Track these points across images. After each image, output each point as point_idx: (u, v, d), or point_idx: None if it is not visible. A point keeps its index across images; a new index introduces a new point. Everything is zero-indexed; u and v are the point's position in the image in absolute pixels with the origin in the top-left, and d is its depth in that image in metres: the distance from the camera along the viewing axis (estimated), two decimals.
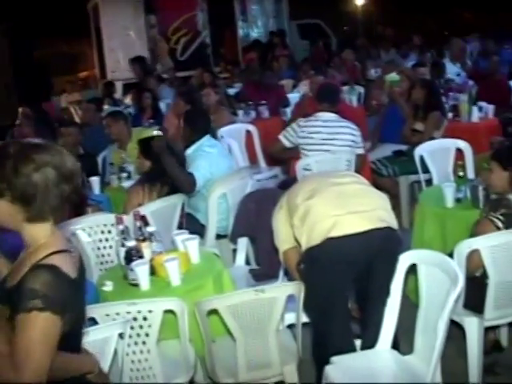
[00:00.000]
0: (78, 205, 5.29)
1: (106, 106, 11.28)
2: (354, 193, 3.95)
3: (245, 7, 20.58)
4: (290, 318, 4.09)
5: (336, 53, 15.25)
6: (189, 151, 6.12)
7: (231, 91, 11.85)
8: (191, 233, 4.73)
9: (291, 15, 21.73)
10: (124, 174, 6.85)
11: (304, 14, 23.24)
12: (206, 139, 6.20)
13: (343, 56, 14.12)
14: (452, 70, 11.52)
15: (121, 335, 3.35)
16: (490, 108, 8.41)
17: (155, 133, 5.94)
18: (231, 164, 6.40)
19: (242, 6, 20.53)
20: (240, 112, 10.02)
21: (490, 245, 4.01)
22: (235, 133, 8.54)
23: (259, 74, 11.51)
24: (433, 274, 3.60)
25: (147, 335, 3.64)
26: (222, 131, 8.19)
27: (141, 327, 3.62)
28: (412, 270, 3.82)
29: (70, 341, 2.56)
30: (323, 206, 3.84)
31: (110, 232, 5.09)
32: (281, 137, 6.73)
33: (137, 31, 18.87)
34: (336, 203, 3.84)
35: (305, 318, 4.00)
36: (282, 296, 3.66)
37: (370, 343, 3.86)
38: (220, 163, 6.05)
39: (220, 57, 19.52)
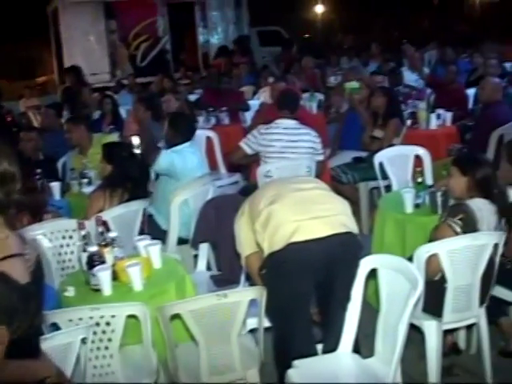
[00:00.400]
0: (36, 210, 5.32)
1: (65, 112, 11.20)
2: (315, 198, 4.00)
3: (205, 13, 20.61)
4: (252, 322, 4.11)
5: (296, 60, 15.30)
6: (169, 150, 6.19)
7: (191, 97, 11.86)
8: (153, 238, 4.74)
9: (251, 22, 21.81)
10: (85, 180, 6.82)
11: (264, 20, 23.35)
12: (188, 145, 6.22)
13: (303, 63, 14.20)
14: (410, 77, 11.68)
15: (83, 340, 3.35)
16: (447, 115, 8.54)
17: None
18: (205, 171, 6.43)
19: (203, 13, 20.55)
20: (200, 118, 10.03)
21: (448, 249, 4.08)
22: (196, 139, 8.50)
23: (218, 80, 11.55)
24: (393, 279, 3.66)
25: (110, 340, 3.65)
26: None
27: (103, 332, 3.63)
28: (371, 274, 3.88)
29: (24, 347, 2.53)
30: (285, 211, 3.88)
31: (71, 237, 5.07)
32: (242, 144, 6.75)
33: (97, 36, 18.78)
34: (298, 209, 3.89)
35: (267, 323, 4.03)
36: (244, 300, 3.68)
37: (331, 347, 3.91)
38: (194, 166, 6.10)
39: (180, 63, 19.50)
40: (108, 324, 3.62)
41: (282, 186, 4.16)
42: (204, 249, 5.56)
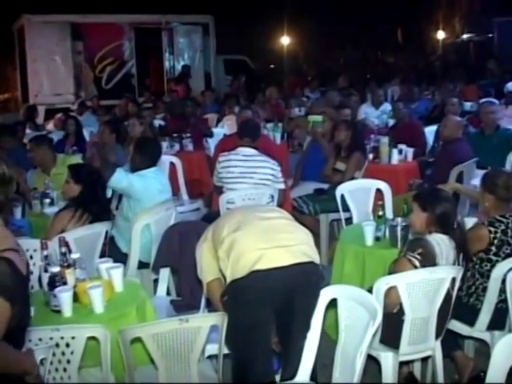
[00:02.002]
0: None
1: (28, 131, 11.16)
2: (279, 227, 4.05)
3: (172, 39, 20.70)
4: (212, 348, 4.13)
5: (261, 90, 15.44)
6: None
7: (155, 122, 11.89)
8: (113, 261, 4.74)
9: (218, 50, 21.95)
10: (47, 200, 6.79)
11: (231, 49, 23.51)
12: (153, 170, 6.21)
13: (267, 93, 14.33)
14: (373, 113, 11.85)
15: (42, 361, 3.34)
16: (409, 151, 8.69)
17: None
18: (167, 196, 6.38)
19: (170, 38, 20.64)
20: (164, 144, 10.05)
21: (407, 282, 4.15)
22: (159, 164, 8.55)
23: (182, 106, 11.61)
24: (352, 309, 3.72)
25: (69, 362, 3.63)
26: None
27: (63, 354, 3.61)
28: (330, 305, 3.93)
29: (16, 336, 2.67)
30: (249, 239, 3.92)
31: (31, 257, 5.04)
32: (213, 180, 6.88)
33: (62, 56, 18.75)
34: (262, 237, 3.93)
35: (226, 350, 4.05)
36: (205, 326, 3.69)
37: (289, 375, 3.93)
38: (156, 192, 6.11)
39: (145, 87, 19.54)
40: (68, 345, 3.60)
41: (245, 213, 4.20)
42: (165, 273, 5.56)
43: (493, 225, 4.69)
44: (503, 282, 4.35)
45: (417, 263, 4.22)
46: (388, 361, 4.30)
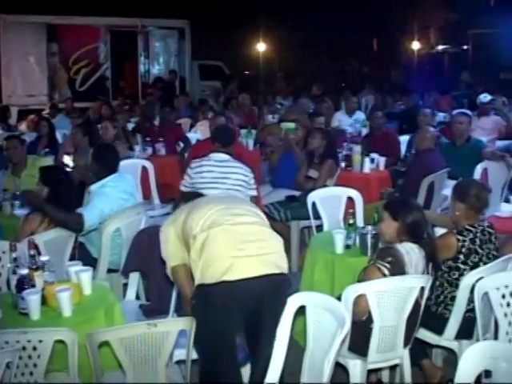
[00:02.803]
0: None
1: (0, 131, 11.09)
2: (253, 234, 4.05)
3: (148, 43, 20.68)
4: (179, 354, 4.12)
5: (234, 96, 15.45)
6: (93, 187, 6.02)
7: (129, 126, 11.84)
8: (83, 265, 4.72)
9: (193, 55, 21.94)
10: (17, 202, 6.73)
11: (206, 54, 23.51)
12: (112, 177, 6.11)
13: (240, 100, 14.35)
14: (346, 121, 11.90)
15: (8, 365, 3.31)
16: (381, 160, 8.74)
17: None
18: (135, 202, 6.33)
19: (145, 42, 20.62)
20: (137, 147, 10.03)
21: (376, 290, 4.17)
22: (131, 168, 8.51)
23: (158, 111, 11.58)
24: (321, 317, 3.73)
25: (35, 366, 3.61)
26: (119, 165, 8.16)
27: (29, 357, 3.59)
28: (299, 312, 3.94)
29: None
30: (221, 244, 3.91)
31: (0, 259, 5.01)
32: (181, 187, 6.80)
33: (37, 58, 18.67)
34: (234, 243, 3.93)
35: (194, 355, 4.05)
36: (173, 330, 3.69)
37: (257, 382, 3.94)
38: (123, 202, 6.04)
39: (119, 90, 19.47)
40: (35, 349, 3.58)
41: (220, 212, 4.12)
42: (134, 278, 5.54)
43: (461, 233, 4.74)
44: (471, 291, 4.38)
45: (386, 272, 4.25)
46: (356, 368, 4.32)
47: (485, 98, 11.46)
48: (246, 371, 4.18)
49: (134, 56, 20.63)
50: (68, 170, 5.83)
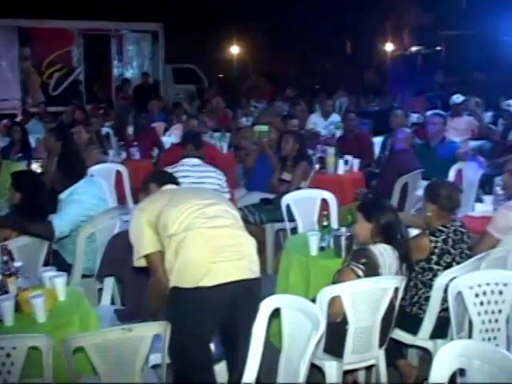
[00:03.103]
0: None
1: None
2: (228, 239, 4.05)
3: (121, 47, 20.62)
4: (155, 358, 4.11)
5: (208, 99, 15.47)
6: (62, 195, 5.95)
7: (103, 130, 11.80)
8: (58, 270, 4.70)
9: (167, 59, 21.90)
10: None
11: (180, 58, 23.46)
12: (81, 183, 6.04)
13: (214, 103, 14.35)
14: (321, 123, 11.94)
15: None
16: (355, 162, 8.78)
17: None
18: (107, 206, 6.29)
19: (119, 46, 20.55)
20: (111, 152, 9.99)
21: (350, 292, 4.19)
22: (105, 172, 8.49)
23: (131, 115, 11.56)
24: (296, 319, 3.73)
25: (9, 373, 3.57)
26: (92, 170, 8.12)
27: (3, 364, 3.54)
28: (275, 314, 3.94)
29: None
30: (197, 248, 3.91)
31: None
32: None
33: (9, 62, 18.56)
34: (210, 248, 3.93)
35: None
36: (148, 335, 3.68)
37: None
38: (94, 207, 5.99)
39: (93, 95, 19.39)
40: (8, 356, 3.54)
41: (196, 213, 4.09)
42: (109, 283, 5.52)
43: (434, 234, 4.77)
44: (445, 291, 4.41)
45: (360, 273, 4.27)
46: (332, 370, 4.33)
47: (457, 98, 11.58)
48: (220, 368, 4.19)
49: (108, 60, 20.57)
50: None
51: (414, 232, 5.14)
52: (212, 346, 4.23)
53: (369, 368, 4.74)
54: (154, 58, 21.46)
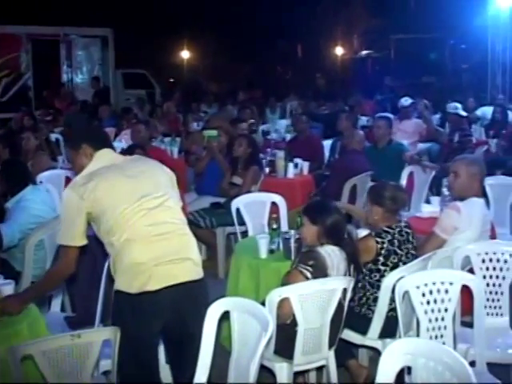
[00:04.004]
0: None
1: None
2: (172, 239, 3.99)
3: (70, 52, 20.44)
4: (106, 364, 4.08)
5: (159, 104, 15.44)
6: (9, 204, 5.91)
7: (52, 136, 11.68)
8: (5, 278, 4.65)
9: (117, 64, 21.78)
10: None
11: (130, 63, 23.37)
12: (28, 190, 5.99)
13: (164, 108, 14.32)
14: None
15: None
16: (305, 165, 8.85)
17: None
18: (55, 212, 6.22)
19: (68, 51, 20.38)
20: (60, 158, 9.91)
21: (299, 293, 4.22)
22: (54, 178, 8.40)
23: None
24: (245, 321, 3.74)
25: None
26: (42, 176, 8.05)
27: None
28: (226, 317, 3.96)
29: None
30: (141, 251, 3.86)
31: None
32: None
33: None
34: (154, 250, 3.89)
35: None
36: (98, 340, 3.66)
37: None
38: (42, 214, 5.94)
39: (42, 100, 19.19)
40: None
41: (137, 212, 3.93)
42: (59, 289, 5.47)
43: (380, 236, 4.83)
44: (393, 291, 4.47)
45: (308, 275, 4.30)
46: (282, 371, 4.36)
47: (406, 101, 11.72)
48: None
49: (57, 65, 20.37)
50: None
51: (363, 233, 5.19)
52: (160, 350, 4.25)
53: (319, 369, 4.77)
54: (103, 64, 21.32)
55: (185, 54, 31.99)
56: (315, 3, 29.34)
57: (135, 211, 3.93)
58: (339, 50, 33.89)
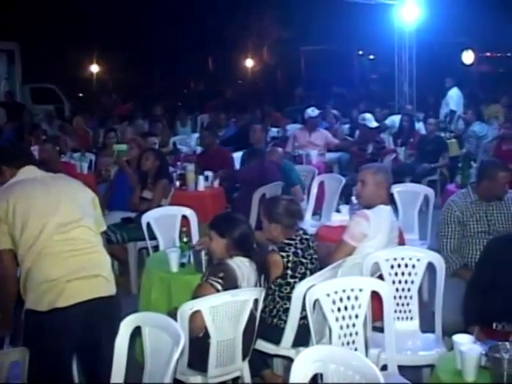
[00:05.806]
0: None
1: None
2: (83, 255, 3.97)
3: None
4: None
5: (68, 119, 15.22)
6: None
7: None
8: None
9: (24, 78, 21.40)
10: None
11: (38, 77, 22.99)
12: None
13: (74, 123, 14.13)
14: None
15: None
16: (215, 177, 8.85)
17: None
18: None
19: None
20: None
21: (210, 306, 4.22)
22: None
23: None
24: (156, 336, 3.72)
25: None
26: None
27: None
28: (139, 333, 3.92)
29: None
30: (52, 268, 3.82)
31: None
32: None
33: None
34: (64, 266, 3.85)
35: None
36: (6, 361, 3.59)
37: None
38: None
39: None
40: None
41: (51, 229, 3.91)
42: None
43: (283, 250, 4.88)
44: (304, 299, 4.50)
45: (219, 287, 4.31)
46: None
47: (313, 111, 11.76)
48: None
49: None
50: None
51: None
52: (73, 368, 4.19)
53: (235, 380, 4.77)
54: (10, 78, 20.90)
55: (94, 68, 31.66)
56: (226, 15, 29.47)
57: (50, 226, 3.90)
58: (249, 62, 34.12)
